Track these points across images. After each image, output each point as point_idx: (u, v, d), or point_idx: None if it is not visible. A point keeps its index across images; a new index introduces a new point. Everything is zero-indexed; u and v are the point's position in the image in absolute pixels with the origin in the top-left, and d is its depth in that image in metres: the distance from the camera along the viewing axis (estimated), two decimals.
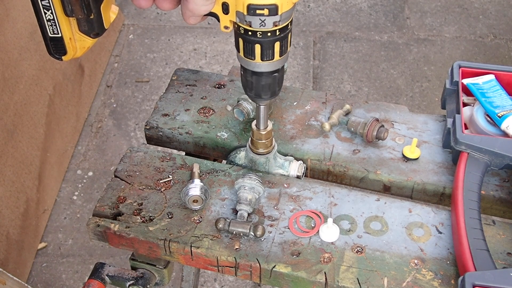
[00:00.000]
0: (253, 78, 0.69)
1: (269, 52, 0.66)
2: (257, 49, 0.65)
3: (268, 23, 0.63)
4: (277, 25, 0.63)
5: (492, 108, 0.79)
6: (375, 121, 0.84)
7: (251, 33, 0.64)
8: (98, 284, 0.78)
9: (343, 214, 0.76)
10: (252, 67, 0.68)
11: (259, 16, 0.62)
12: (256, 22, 0.63)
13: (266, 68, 0.68)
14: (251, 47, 0.66)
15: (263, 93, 0.71)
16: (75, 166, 1.99)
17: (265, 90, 0.70)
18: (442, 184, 0.80)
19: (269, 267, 0.70)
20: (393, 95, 2.22)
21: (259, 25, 0.63)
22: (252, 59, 0.67)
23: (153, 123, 0.90)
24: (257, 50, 0.66)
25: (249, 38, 0.64)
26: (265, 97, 0.72)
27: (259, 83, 0.70)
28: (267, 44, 0.65)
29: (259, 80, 0.69)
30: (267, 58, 0.67)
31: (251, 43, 0.65)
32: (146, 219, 0.76)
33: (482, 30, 2.48)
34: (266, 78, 0.69)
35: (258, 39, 0.64)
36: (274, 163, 0.82)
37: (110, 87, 2.26)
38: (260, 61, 0.67)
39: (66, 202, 1.88)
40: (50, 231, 1.81)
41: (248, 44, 0.65)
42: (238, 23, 0.64)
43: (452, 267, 0.70)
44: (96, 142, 2.06)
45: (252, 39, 0.64)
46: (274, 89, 0.71)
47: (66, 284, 1.70)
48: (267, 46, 0.65)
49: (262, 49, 0.65)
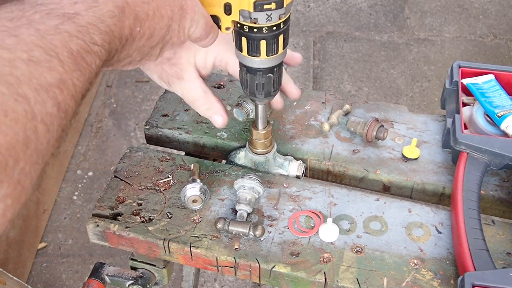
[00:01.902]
0: (257, 76, 0.69)
1: (274, 46, 0.66)
2: (263, 45, 0.65)
3: (274, 17, 0.63)
4: (281, 18, 0.64)
5: (492, 108, 0.79)
6: (374, 121, 0.84)
7: (256, 30, 0.64)
8: (97, 284, 0.78)
9: (343, 214, 0.76)
10: (257, 65, 0.68)
11: (266, 11, 0.62)
12: (263, 18, 0.63)
13: (271, 63, 0.68)
14: (256, 44, 0.65)
15: (267, 90, 0.71)
16: (75, 166, 1.99)
17: (268, 87, 0.70)
18: (441, 184, 0.80)
19: (269, 267, 0.70)
20: (393, 95, 2.22)
21: (265, 20, 0.63)
22: (257, 56, 0.67)
23: (153, 123, 0.90)
24: (263, 46, 0.65)
25: (254, 35, 0.64)
26: (274, 93, 0.72)
27: (263, 79, 0.69)
28: (272, 39, 0.65)
29: (263, 77, 0.69)
30: (272, 52, 0.66)
31: (256, 40, 0.65)
32: (146, 219, 0.76)
33: (482, 30, 2.48)
34: (271, 74, 0.69)
35: (263, 35, 0.64)
36: (274, 163, 0.82)
37: (110, 87, 2.26)
38: (265, 57, 0.67)
39: (66, 202, 1.88)
40: (50, 231, 1.81)
41: (253, 42, 0.65)
42: (242, 22, 0.64)
43: (451, 267, 0.70)
44: (96, 142, 2.06)
45: (257, 35, 0.64)
46: (280, 83, 0.72)
47: (66, 284, 1.70)
48: (273, 41, 0.65)
49: (267, 44, 0.65)
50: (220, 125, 0.77)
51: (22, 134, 0.42)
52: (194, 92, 0.75)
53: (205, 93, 0.75)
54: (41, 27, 0.47)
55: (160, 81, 0.75)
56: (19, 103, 0.42)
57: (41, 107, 0.44)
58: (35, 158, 0.44)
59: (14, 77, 0.42)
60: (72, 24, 0.49)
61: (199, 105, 0.76)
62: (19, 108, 0.42)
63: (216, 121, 0.77)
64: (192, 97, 0.75)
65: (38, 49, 0.45)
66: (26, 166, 0.43)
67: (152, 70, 0.74)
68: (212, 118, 0.77)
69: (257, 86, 0.70)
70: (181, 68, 0.73)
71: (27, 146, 0.43)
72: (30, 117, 0.43)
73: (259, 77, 0.69)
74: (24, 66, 0.44)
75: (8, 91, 0.42)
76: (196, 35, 0.66)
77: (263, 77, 0.69)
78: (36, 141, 0.44)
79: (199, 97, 0.75)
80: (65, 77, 0.47)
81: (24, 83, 0.43)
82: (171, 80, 0.74)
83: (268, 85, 0.70)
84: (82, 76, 0.49)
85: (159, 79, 0.74)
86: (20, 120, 0.42)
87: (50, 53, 0.46)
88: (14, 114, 0.42)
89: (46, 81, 0.45)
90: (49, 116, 0.45)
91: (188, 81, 0.74)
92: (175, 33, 0.64)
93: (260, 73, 0.69)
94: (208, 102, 0.75)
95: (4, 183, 0.41)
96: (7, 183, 0.41)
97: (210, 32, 0.66)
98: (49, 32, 0.47)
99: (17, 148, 0.42)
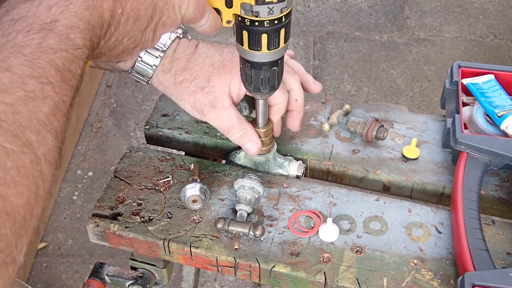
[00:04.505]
0: (262, 70, 0.68)
1: (276, 40, 0.65)
2: (264, 39, 0.65)
3: (276, 11, 0.62)
4: (283, 12, 0.63)
5: (492, 108, 0.79)
6: (374, 121, 0.84)
7: (258, 23, 0.63)
8: (97, 284, 0.78)
9: (343, 214, 0.76)
10: (258, 59, 0.67)
11: (267, 4, 0.62)
12: (264, 11, 0.62)
13: (272, 57, 0.67)
14: (257, 38, 0.65)
15: (272, 83, 0.70)
16: (75, 166, 1.99)
17: (273, 80, 0.70)
18: (441, 184, 0.80)
19: (269, 267, 0.70)
20: (393, 95, 2.22)
21: (267, 13, 0.62)
22: (258, 50, 0.66)
23: (153, 123, 0.90)
24: (264, 40, 0.65)
25: (256, 28, 0.64)
26: (277, 87, 0.71)
27: (268, 73, 0.69)
28: (274, 32, 0.64)
29: (268, 71, 0.68)
30: (273, 46, 0.66)
31: (257, 34, 0.64)
32: (146, 219, 0.76)
33: (482, 30, 2.48)
34: (275, 67, 0.68)
35: (265, 29, 0.64)
36: (274, 163, 0.82)
37: (110, 87, 2.26)
38: (266, 51, 0.66)
39: (66, 202, 1.88)
40: (50, 231, 1.81)
41: (254, 36, 0.64)
42: (243, 15, 0.64)
43: (451, 267, 0.70)
44: (96, 142, 2.06)
45: (259, 29, 0.64)
46: (282, 76, 0.71)
47: (66, 284, 1.70)
48: (274, 35, 0.64)
49: (268, 38, 0.64)
50: (254, 153, 0.77)
51: (33, 186, 0.44)
52: (229, 119, 0.74)
53: (239, 120, 0.75)
54: (27, 51, 0.48)
55: (193, 110, 0.74)
56: (26, 155, 0.44)
57: (43, 148, 0.45)
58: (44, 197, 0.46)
59: (19, 125, 0.44)
60: (53, 36, 0.50)
61: (234, 133, 0.75)
62: (27, 160, 0.43)
63: (250, 148, 0.77)
64: (228, 124, 0.74)
65: (31, 81, 0.46)
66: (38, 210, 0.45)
67: (185, 101, 0.74)
68: (246, 145, 0.77)
69: (262, 81, 0.69)
70: (215, 96, 0.73)
71: (37, 194, 0.44)
72: (36, 164, 0.44)
73: (264, 71, 0.68)
74: (24, 107, 0.45)
75: (16, 145, 0.43)
76: (189, 14, 0.65)
77: (268, 71, 0.68)
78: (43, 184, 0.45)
79: (234, 124, 0.74)
80: (57, 100, 0.48)
81: (27, 128, 0.44)
82: (205, 109, 0.73)
83: (273, 78, 0.70)
84: (69, 89, 0.50)
85: (192, 109, 0.74)
86: (30, 172, 0.44)
87: (42, 81, 0.47)
88: (24, 169, 0.43)
89: (44, 114, 0.46)
90: (51, 152, 0.46)
91: (222, 109, 0.73)
92: (165, 13, 0.63)
93: (265, 67, 0.68)
94: (243, 129, 0.75)
95: (24, 238, 0.43)
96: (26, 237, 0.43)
97: (204, 11, 0.65)
98: (34, 54, 0.48)
99: (31, 201, 0.44)
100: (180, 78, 0.73)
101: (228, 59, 0.74)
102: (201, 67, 0.73)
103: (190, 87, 0.73)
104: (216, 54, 0.75)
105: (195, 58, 0.74)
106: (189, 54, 0.73)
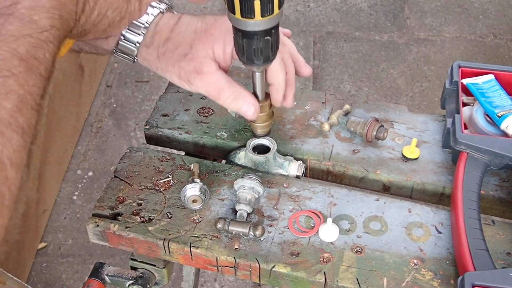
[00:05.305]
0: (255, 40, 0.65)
1: (269, 6, 0.62)
2: (257, 5, 0.62)
3: None
4: None
5: (492, 108, 0.79)
6: (374, 121, 0.84)
7: None
8: (97, 284, 0.78)
9: (343, 214, 0.76)
10: (251, 27, 0.64)
11: None
12: None
13: (266, 24, 0.64)
14: (250, 5, 0.62)
15: (266, 54, 0.67)
16: (75, 166, 1.99)
17: (267, 51, 0.67)
18: (441, 184, 0.80)
19: (269, 267, 0.70)
20: (393, 95, 2.22)
21: None
22: (252, 18, 0.63)
23: (153, 123, 0.90)
24: (257, 6, 0.62)
25: None
26: (272, 58, 0.69)
27: (260, 43, 0.66)
28: None
29: (261, 41, 0.66)
30: (267, 13, 0.63)
31: (250, 0, 0.61)
32: (146, 219, 0.76)
33: (482, 30, 2.48)
34: (268, 36, 0.66)
35: None
36: (274, 163, 0.82)
37: (110, 87, 2.26)
38: (260, 18, 0.63)
39: (66, 202, 1.88)
40: (50, 231, 1.81)
41: (247, 2, 0.61)
42: None
43: (451, 267, 0.70)
44: (96, 142, 2.06)
45: None
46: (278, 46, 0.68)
47: (66, 284, 1.70)
48: (268, 0, 0.62)
49: (262, 3, 0.62)
50: (251, 115, 0.72)
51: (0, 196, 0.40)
52: (218, 84, 0.70)
53: (229, 83, 0.70)
54: None
55: (180, 81, 0.71)
56: None
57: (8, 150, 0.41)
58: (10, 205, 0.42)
59: None
60: (14, 21, 0.45)
61: (226, 97, 0.71)
62: None
63: (247, 111, 0.72)
64: (217, 89, 0.70)
65: None
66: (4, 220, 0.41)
67: (171, 72, 0.71)
68: (242, 108, 0.72)
69: (254, 51, 0.67)
70: (199, 62, 0.69)
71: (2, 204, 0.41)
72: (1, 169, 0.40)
73: (256, 41, 0.65)
74: None
75: None
76: None
77: (261, 41, 0.66)
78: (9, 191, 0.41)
79: (224, 87, 0.70)
80: (22, 94, 0.44)
81: None
82: (191, 77, 0.70)
83: (266, 49, 0.67)
84: (37, 78, 0.46)
85: (178, 79, 0.71)
86: None
87: (4, 74, 0.43)
88: None
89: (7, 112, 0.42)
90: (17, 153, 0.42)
91: (209, 74, 0.70)
92: None
93: (257, 36, 0.65)
94: (235, 91, 0.71)
95: None
96: None
97: None
98: None
99: None
100: (163, 49, 0.70)
101: (211, 24, 0.71)
102: (183, 35, 0.70)
103: (173, 57, 0.69)
104: (199, 22, 0.71)
105: (177, 28, 0.70)
106: (172, 25, 0.70)
